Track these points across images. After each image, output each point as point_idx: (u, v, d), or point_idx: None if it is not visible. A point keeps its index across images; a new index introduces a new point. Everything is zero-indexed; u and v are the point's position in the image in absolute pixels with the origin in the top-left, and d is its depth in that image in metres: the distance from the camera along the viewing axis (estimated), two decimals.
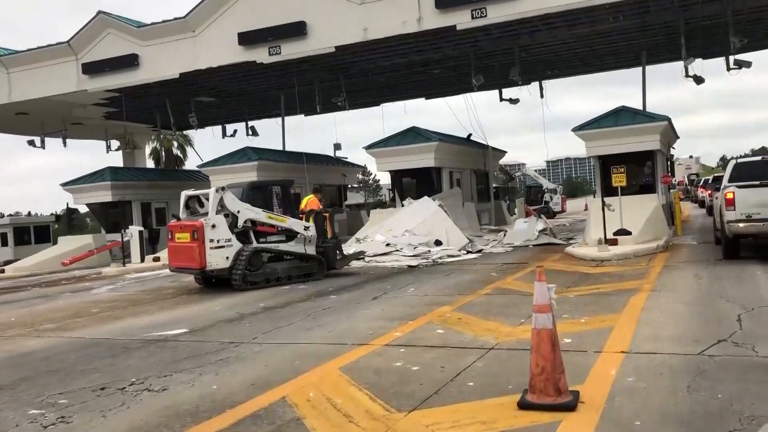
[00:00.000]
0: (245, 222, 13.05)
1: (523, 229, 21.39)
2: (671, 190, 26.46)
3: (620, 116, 20.52)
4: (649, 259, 14.51)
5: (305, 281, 13.59)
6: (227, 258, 12.64)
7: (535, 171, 49.29)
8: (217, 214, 12.75)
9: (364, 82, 27.27)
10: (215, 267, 12.55)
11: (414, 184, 25.08)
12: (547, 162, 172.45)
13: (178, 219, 13.52)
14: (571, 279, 11.79)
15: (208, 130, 32.70)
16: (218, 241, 12.54)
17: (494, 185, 43.97)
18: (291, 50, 21.77)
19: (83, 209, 35.47)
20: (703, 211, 33.91)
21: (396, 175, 24.52)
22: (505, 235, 21.54)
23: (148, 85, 24.71)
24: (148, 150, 45.75)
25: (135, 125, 33.56)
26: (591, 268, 13.43)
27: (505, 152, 30.80)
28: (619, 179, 16.91)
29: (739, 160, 14.97)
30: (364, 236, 20.02)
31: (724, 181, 13.91)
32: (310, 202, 16.15)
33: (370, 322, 8.50)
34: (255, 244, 13.14)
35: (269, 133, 51.85)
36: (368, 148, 23.63)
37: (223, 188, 13.02)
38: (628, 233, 16.75)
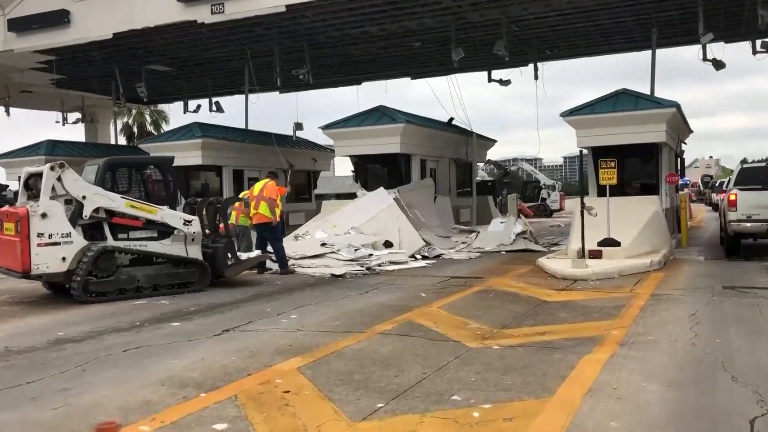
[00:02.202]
0: (95, 212, 9.81)
1: (498, 231, 18.03)
2: (681, 192, 22.94)
3: (619, 100, 17.02)
4: (636, 281, 11.15)
5: (181, 292, 10.35)
6: (63, 259, 9.42)
7: (531, 164, 45.58)
8: (52, 198, 9.54)
9: (336, 54, 23.98)
10: (45, 271, 9.32)
11: (383, 172, 21.76)
12: (565, 158, 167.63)
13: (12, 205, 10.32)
14: (518, 310, 8.47)
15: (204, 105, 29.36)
16: (51, 235, 9.32)
17: (489, 179, 40.54)
18: (236, 8, 18.53)
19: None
20: (716, 214, 30.27)
21: (360, 161, 21.17)
22: (477, 236, 18.20)
23: (82, 48, 21.59)
24: (117, 125, 42.78)
25: (93, 96, 30.53)
26: (555, 292, 10.09)
27: (495, 141, 27.29)
28: (607, 176, 13.52)
29: (746, 165, 16.44)
30: (304, 232, 16.76)
31: (730, 184, 14.86)
32: (268, 187, 12.98)
33: (152, 388, 5.25)
34: (109, 242, 9.90)
35: (255, 107, 47.12)
36: (325, 128, 20.29)
37: (61, 164, 9.76)
38: (617, 244, 13.37)
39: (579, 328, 7.32)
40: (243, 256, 12.12)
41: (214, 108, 29.43)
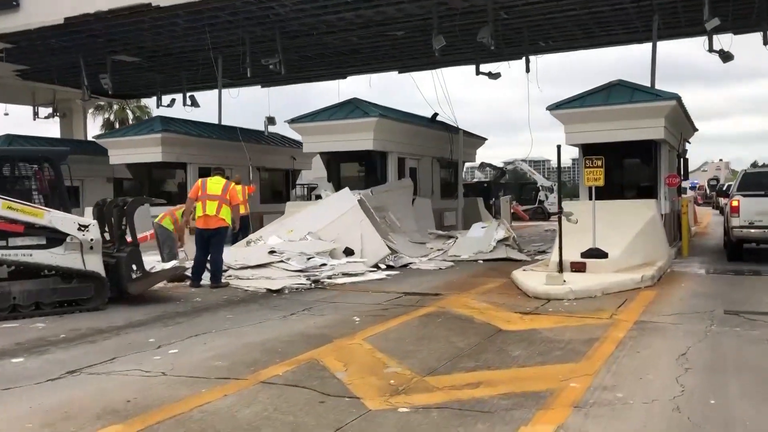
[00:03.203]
0: None
1: (478, 237, 16.21)
2: (683, 195, 21.06)
3: (613, 92, 15.21)
4: (622, 301, 9.34)
5: (73, 311, 8.61)
6: None
7: (536, 166, 43.51)
8: None
9: (314, 43, 22.24)
10: None
11: (357, 171, 19.98)
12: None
13: None
14: (462, 344, 6.67)
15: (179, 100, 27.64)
16: None
17: (484, 180, 38.66)
18: None
19: None
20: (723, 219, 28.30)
21: (333, 159, 19.37)
22: (454, 243, 16.40)
23: (35, 34, 19.98)
24: (98, 120, 41.24)
25: (65, 90, 28.93)
26: (519, 316, 8.28)
27: (485, 139, 25.39)
28: (593, 176, 11.70)
29: (749, 170, 16.21)
30: (258, 237, 15.00)
31: (733, 189, 14.78)
32: (232, 191, 11.35)
33: None
34: None
35: (240, 104, 44.21)
36: (292, 122, 18.53)
37: None
38: (603, 255, 11.55)
39: (529, 375, 5.52)
40: (166, 265, 10.40)
41: (188, 102, 27.79)
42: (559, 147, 10.18)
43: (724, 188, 27.15)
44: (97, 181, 25.26)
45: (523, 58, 22.28)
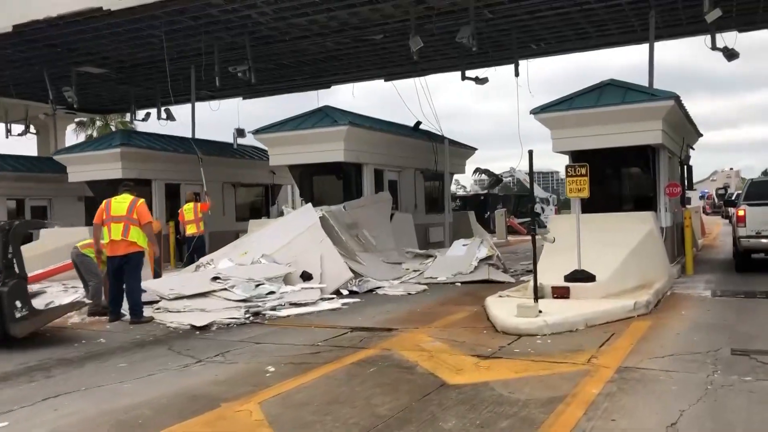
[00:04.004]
0: None
1: (458, 256, 14.60)
2: (689, 206, 19.34)
3: (604, 93, 13.65)
4: (608, 336, 7.71)
5: None
6: None
7: (537, 178, 41.77)
8: None
9: (290, 50, 20.87)
10: None
11: (330, 185, 18.41)
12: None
13: None
14: (383, 411, 5.06)
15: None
16: None
17: (481, 193, 36.97)
18: None
19: None
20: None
21: (304, 173, 17.79)
22: (432, 262, 14.81)
23: None
24: (78, 137, 39.86)
25: (37, 105, 27.61)
26: (474, 361, 6.67)
27: (475, 149, 23.77)
28: (576, 186, 10.08)
29: (756, 179, 16.03)
30: (209, 260, 13.47)
31: (740, 198, 14.45)
32: (140, 208, 9.97)
33: None
34: None
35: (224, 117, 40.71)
36: (256, 132, 17.03)
37: None
38: (590, 278, 9.92)
39: None
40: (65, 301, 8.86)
41: (164, 116, 26.40)
42: (530, 152, 8.58)
43: (733, 197, 25.44)
44: (67, 200, 23.85)
45: (515, 62, 20.73)
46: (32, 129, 28.98)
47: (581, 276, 9.90)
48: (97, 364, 6.99)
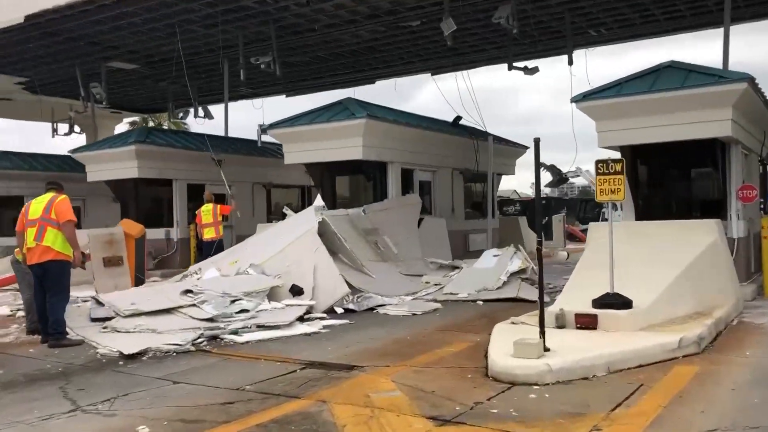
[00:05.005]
0: None
1: (486, 268, 12.57)
2: None
3: (661, 77, 11.35)
4: (631, 391, 5.63)
5: None
6: None
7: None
8: None
9: (323, 42, 19.36)
10: None
11: (353, 186, 16.67)
12: None
13: None
14: None
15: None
16: None
17: (544, 193, 34.24)
18: None
19: None
20: None
21: (322, 172, 16.08)
22: (456, 276, 12.84)
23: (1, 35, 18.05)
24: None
25: (79, 104, 27.17)
26: (426, 428, 4.78)
27: (526, 147, 21.45)
28: (609, 187, 7.94)
29: None
30: (197, 269, 11.98)
31: None
32: (58, 206, 8.24)
33: None
34: None
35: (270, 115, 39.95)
36: (270, 127, 15.48)
37: None
38: (625, 304, 7.76)
39: None
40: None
41: (201, 114, 25.38)
42: (536, 141, 6.56)
43: None
44: (101, 201, 23.04)
45: (569, 51, 18.42)
46: (76, 128, 28.53)
47: (613, 301, 7.76)
48: None
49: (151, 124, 37.91)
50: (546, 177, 31.73)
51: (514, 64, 18.48)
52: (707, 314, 8.37)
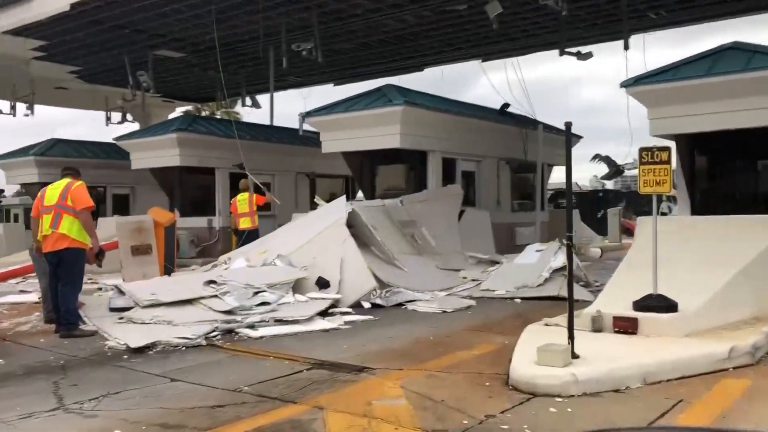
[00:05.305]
0: None
1: (528, 264, 11.88)
2: None
3: (722, 59, 10.42)
4: (667, 407, 4.97)
5: None
6: None
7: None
8: None
9: (368, 28, 18.87)
10: None
11: (400, 177, 16.14)
12: None
13: None
14: None
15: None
16: None
17: (599, 189, 32.89)
18: None
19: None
20: None
21: (360, 161, 15.59)
22: (496, 271, 12.20)
23: (47, 25, 18.24)
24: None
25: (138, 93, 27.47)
26: None
27: (579, 137, 20.51)
28: (653, 178, 7.20)
29: None
30: (227, 258, 11.71)
31: None
32: (75, 192, 7.95)
33: None
34: None
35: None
36: (308, 115, 15.10)
37: None
38: (669, 308, 7.02)
39: None
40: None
41: (248, 103, 25.35)
42: (568, 125, 5.91)
43: None
44: (150, 188, 23.20)
45: (625, 36, 17.40)
46: (129, 117, 28.86)
47: (656, 304, 7.03)
48: None
49: (205, 113, 38.23)
50: (602, 169, 30.50)
51: (566, 50, 17.57)
52: (766, 320, 7.54)
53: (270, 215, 17.90)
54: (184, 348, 7.22)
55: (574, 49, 17.82)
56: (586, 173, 59.06)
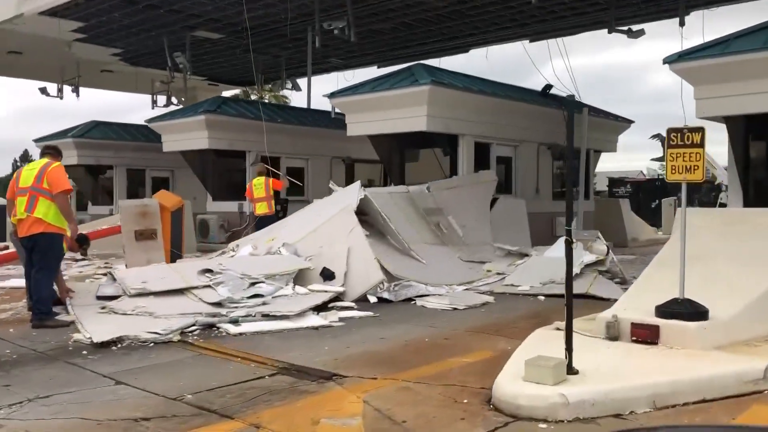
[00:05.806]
0: None
1: (557, 258, 10.83)
2: None
3: None
4: None
5: None
6: None
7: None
8: None
9: (407, 6, 18.04)
10: None
11: (430, 162, 15.24)
12: None
13: None
14: None
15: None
16: None
17: (657, 178, 31.09)
18: None
19: None
20: None
21: (387, 144, 14.76)
22: (523, 265, 11.26)
23: (82, 4, 18.09)
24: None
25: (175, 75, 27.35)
26: None
27: (630, 122, 19.08)
28: (684, 163, 6.17)
29: None
30: (235, 245, 11.14)
31: None
32: (51, 174, 7.46)
33: None
34: None
35: None
36: (332, 96, 14.36)
37: None
38: (699, 315, 6.01)
39: None
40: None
41: (288, 85, 24.86)
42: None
43: None
44: (189, 172, 23.04)
45: (681, 13, 16.03)
46: (173, 100, 28.78)
47: (682, 310, 6.03)
48: None
49: (253, 97, 38.07)
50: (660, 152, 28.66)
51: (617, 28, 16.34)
52: None
53: (303, 200, 17.36)
54: (152, 344, 6.64)
55: (624, 27, 16.56)
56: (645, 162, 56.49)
